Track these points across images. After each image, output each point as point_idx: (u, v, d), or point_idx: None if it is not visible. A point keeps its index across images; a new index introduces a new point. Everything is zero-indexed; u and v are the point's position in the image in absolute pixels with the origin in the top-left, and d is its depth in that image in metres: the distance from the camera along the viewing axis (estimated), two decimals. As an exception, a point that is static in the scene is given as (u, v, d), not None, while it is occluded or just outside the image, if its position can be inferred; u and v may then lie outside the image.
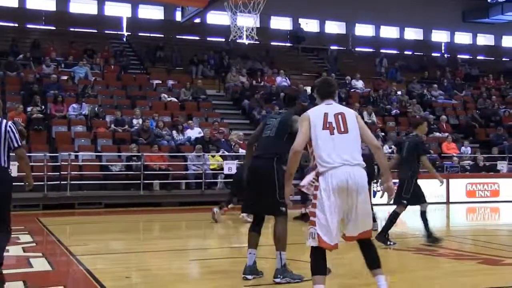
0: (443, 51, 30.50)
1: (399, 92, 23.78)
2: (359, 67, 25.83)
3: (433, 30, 31.96)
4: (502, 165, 18.71)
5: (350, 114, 4.98)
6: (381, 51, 28.36)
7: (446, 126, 21.61)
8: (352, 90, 23.22)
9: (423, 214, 8.61)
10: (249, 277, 6.11)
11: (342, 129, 4.83)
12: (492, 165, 18.89)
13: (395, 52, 29.23)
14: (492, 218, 15.19)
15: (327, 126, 4.83)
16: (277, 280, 5.87)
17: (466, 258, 7.81)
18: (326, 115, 4.88)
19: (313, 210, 4.75)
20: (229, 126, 19.24)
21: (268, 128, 6.16)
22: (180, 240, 9.95)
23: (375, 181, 10.12)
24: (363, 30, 30.61)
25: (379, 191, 10.68)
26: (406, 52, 29.63)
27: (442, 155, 19.33)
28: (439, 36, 32.16)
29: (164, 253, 8.34)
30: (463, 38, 33.01)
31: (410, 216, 14.49)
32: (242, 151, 16.37)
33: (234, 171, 14.94)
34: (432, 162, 18.28)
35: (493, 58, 31.67)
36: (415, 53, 29.74)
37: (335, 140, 4.78)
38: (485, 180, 17.58)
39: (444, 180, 10.25)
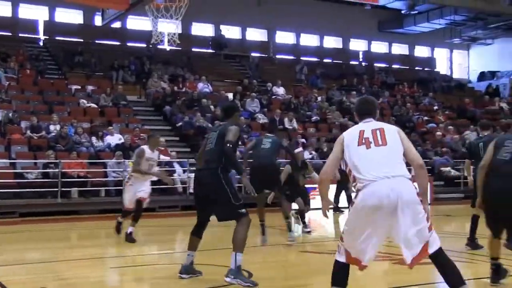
0: (360, 59, 31.39)
1: (319, 99, 24.26)
2: (280, 74, 26.19)
3: (351, 39, 32.85)
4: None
5: (391, 129, 4.76)
6: (302, 58, 28.85)
7: (364, 132, 22.22)
8: (273, 97, 23.50)
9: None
10: (185, 276, 6.34)
11: (380, 142, 4.55)
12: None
13: (315, 59, 29.81)
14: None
15: (363, 141, 4.55)
16: (228, 279, 5.90)
17: (383, 259, 8.02)
18: (362, 132, 4.65)
19: (344, 226, 4.58)
20: (150, 133, 18.98)
21: (210, 141, 6.45)
22: (100, 248, 9.72)
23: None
24: (284, 37, 31.07)
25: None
26: (325, 60, 30.29)
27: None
28: (357, 45, 33.10)
29: (83, 261, 8.12)
30: (379, 47, 34.13)
31: (329, 222, 14.80)
32: (163, 158, 16.22)
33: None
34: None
35: (407, 67, 32.91)
36: (334, 61, 30.45)
37: (373, 153, 4.49)
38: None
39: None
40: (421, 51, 35.58)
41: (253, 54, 27.78)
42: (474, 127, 24.40)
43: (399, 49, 34.94)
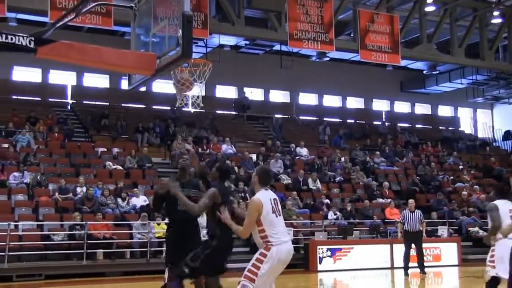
0: (383, 119, 31.58)
1: (342, 159, 24.35)
2: (303, 134, 26.43)
3: (373, 99, 33.15)
4: (443, 230, 19.20)
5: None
6: (324, 119, 29.12)
7: (388, 192, 22.16)
8: (297, 158, 23.66)
9: None
10: None
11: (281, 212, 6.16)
12: (432, 230, 19.36)
13: (337, 120, 30.07)
14: (434, 282, 15.47)
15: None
16: None
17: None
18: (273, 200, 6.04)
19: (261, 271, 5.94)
20: (174, 194, 19.18)
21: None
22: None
23: None
24: (307, 98, 31.48)
25: None
26: (348, 120, 30.52)
27: (386, 220, 19.74)
28: (380, 105, 33.35)
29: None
30: (402, 107, 34.34)
31: (357, 282, 14.64)
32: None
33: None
34: (376, 228, 18.74)
35: (430, 126, 32.97)
36: (357, 121, 30.67)
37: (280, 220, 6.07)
38: (427, 245, 17.97)
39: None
40: (444, 111, 35.69)
41: (276, 116, 28.13)
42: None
43: (421, 109, 35.09)
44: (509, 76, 30.82)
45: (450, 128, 33.16)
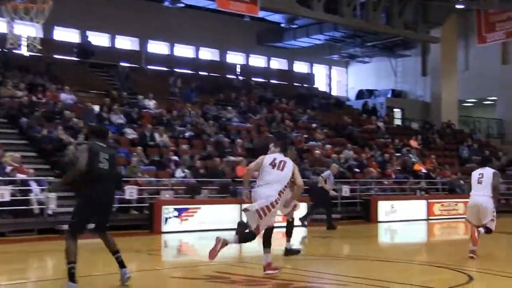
0: (238, 73, 31.86)
1: (193, 113, 24.24)
2: (151, 86, 25.91)
3: (228, 51, 33.29)
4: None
5: None
6: (175, 70, 28.79)
7: (240, 149, 22.45)
8: (144, 111, 23.18)
9: None
10: None
11: None
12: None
13: (189, 72, 29.86)
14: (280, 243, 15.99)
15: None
16: None
17: (259, 284, 8.13)
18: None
19: None
20: (3, 147, 18.00)
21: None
22: None
23: None
24: (157, 47, 30.88)
25: None
26: (201, 73, 30.42)
27: (236, 179, 19.99)
28: (235, 58, 33.59)
29: None
30: (257, 61, 34.88)
31: (204, 244, 14.78)
32: (20, 176, 15.48)
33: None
34: (226, 187, 18.97)
35: (286, 83, 33.86)
36: (210, 74, 30.66)
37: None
38: (278, 205, 18.53)
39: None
40: (300, 67, 36.80)
41: (123, 64, 27.31)
42: (351, 146, 25.55)
43: (278, 64, 35.91)
44: (365, 34, 32.34)
45: (305, 85, 34.27)
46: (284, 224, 11.15)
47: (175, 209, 16.54)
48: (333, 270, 9.72)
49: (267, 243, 8.60)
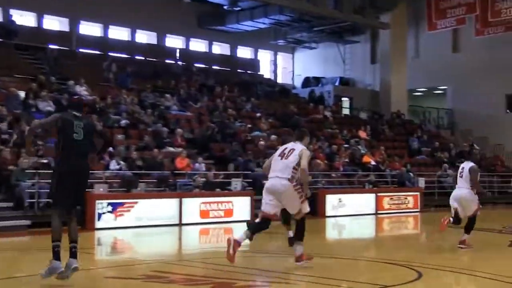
0: (177, 58, 31.65)
1: (129, 100, 23.96)
2: (83, 70, 25.46)
3: (167, 35, 33.02)
4: (236, 183, 19.81)
5: None
6: (110, 54, 28.39)
7: (180, 139, 22.32)
8: (75, 97, 22.77)
9: None
10: None
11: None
12: (228, 182, 19.94)
13: (125, 56, 29.50)
14: (222, 240, 16.05)
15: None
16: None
17: (199, 283, 8.13)
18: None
19: None
20: None
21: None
22: None
23: None
24: (89, 28, 30.39)
25: None
26: (137, 57, 30.11)
27: (175, 171, 19.90)
28: (174, 42, 33.35)
29: None
30: (198, 45, 34.72)
31: (141, 241, 14.69)
32: None
33: None
34: (164, 180, 18.85)
35: (228, 69, 33.84)
36: (147, 59, 30.36)
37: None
38: (219, 199, 18.56)
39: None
40: (244, 53, 36.82)
41: (51, 46, 26.76)
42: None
43: (220, 48, 35.84)
44: (313, 18, 32.58)
45: (249, 72, 34.32)
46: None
47: (110, 204, 16.34)
48: (278, 268, 9.80)
49: (300, 234, 9.08)
